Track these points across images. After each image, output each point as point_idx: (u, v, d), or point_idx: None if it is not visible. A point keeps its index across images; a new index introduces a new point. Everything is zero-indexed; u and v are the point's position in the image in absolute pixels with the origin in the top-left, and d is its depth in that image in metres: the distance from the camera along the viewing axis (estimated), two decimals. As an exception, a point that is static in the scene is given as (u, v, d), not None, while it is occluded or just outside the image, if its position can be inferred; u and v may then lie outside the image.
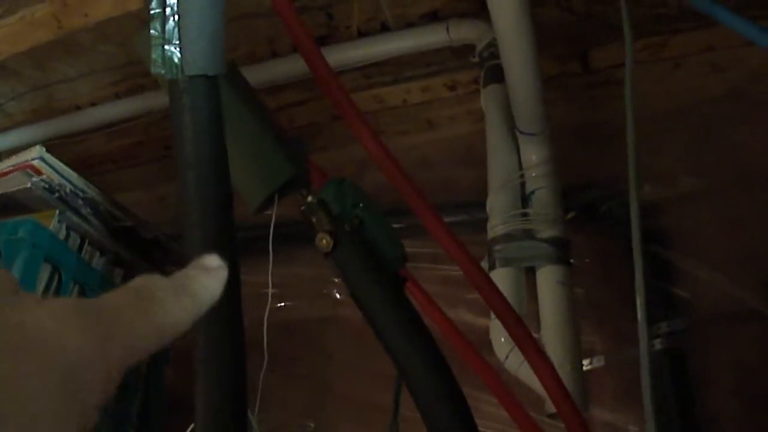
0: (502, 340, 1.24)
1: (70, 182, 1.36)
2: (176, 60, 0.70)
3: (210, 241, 0.70)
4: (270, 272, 0.94)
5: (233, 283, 0.71)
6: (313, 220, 0.84)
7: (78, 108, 1.91)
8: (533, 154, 1.36)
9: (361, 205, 0.88)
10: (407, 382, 0.82)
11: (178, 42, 0.70)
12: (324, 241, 0.83)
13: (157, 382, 1.59)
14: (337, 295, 1.75)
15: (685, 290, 1.47)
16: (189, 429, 0.92)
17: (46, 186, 1.32)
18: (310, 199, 0.85)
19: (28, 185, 1.31)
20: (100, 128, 1.89)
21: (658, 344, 1.40)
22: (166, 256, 1.64)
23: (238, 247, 0.73)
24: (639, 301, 1.03)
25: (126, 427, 1.47)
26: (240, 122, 0.85)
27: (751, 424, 1.33)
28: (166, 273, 1.19)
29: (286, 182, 0.86)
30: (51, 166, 1.32)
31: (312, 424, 1.64)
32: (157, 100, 1.75)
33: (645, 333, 1.01)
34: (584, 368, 1.29)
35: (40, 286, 1.27)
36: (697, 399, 1.37)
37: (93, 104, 1.89)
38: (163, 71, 0.72)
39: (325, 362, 1.68)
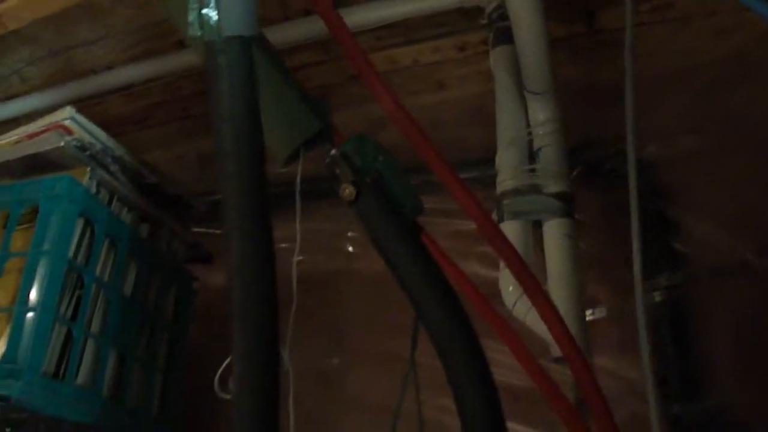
0: (510, 289, 1.30)
1: (99, 141, 1.42)
2: (213, 22, 0.76)
3: (245, 190, 0.76)
4: (298, 226, 1.00)
5: (267, 231, 0.78)
6: (337, 171, 0.91)
7: (95, 71, 1.91)
8: (540, 112, 1.41)
9: (380, 158, 0.94)
10: (425, 322, 0.89)
11: (215, 5, 0.76)
12: (347, 191, 0.90)
13: (181, 330, 1.66)
14: (350, 249, 1.81)
15: (684, 245, 1.52)
16: (226, 361, 1.00)
17: (78, 145, 1.38)
18: (333, 152, 0.91)
19: (61, 144, 1.36)
20: (117, 90, 1.91)
21: (657, 296, 1.46)
22: (188, 213, 1.71)
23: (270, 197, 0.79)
24: (636, 257, 1.08)
25: (154, 370, 1.55)
26: (269, 80, 0.91)
27: (747, 373, 1.39)
28: (187, 229, 1.28)
29: (312, 136, 0.92)
30: (81, 126, 1.38)
31: (337, 360, 1.70)
32: (174, 61, 1.77)
33: (640, 286, 1.06)
34: (587, 318, 1.36)
35: (74, 241, 1.33)
36: (695, 349, 1.43)
37: (110, 67, 1.89)
38: (200, 33, 0.78)
39: (340, 314, 1.75)
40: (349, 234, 1.83)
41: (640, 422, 1.21)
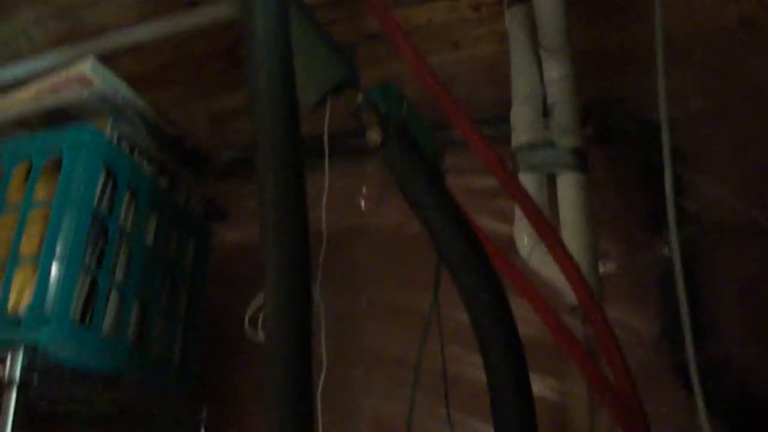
0: (525, 240, 1.34)
1: (120, 93, 1.43)
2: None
3: (279, 131, 0.79)
4: (326, 175, 1.02)
5: (299, 179, 0.80)
6: (363, 117, 0.93)
7: (104, 31, 1.90)
8: (555, 70, 1.44)
9: (404, 106, 0.97)
10: (448, 263, 0.92)
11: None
12: (373, 136, 0.92)
13: (201, 283, 1.69)
14: (363, 205, 1.84)
15: (694, 204, 1.55)
16: (258, 296, 1.02)
17: (101, 97, 1.39)
18: (360, 99, 0.94)
19: (84, 95, 1.38)
20: (127, 51, 1.90)
21: (667, 251, 1.49)
22: (206, 166, 1.73)
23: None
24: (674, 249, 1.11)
25: (175, 321, 1.58)
26: (299, 29, 0.93)
27: (752, 325, 1.43)
28: (204, 182, 1.30)
29: (339, 83, 0.95)
30: (103, 78, 1.39)
31: (350, 315, 1.73)
32: (186, 21, 1.78)
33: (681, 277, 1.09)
34: (600, 271, 1.39)
35: (97, 191, 1.34)
36: (703, 301, 1.47)
37: (119, 26, 1.89)
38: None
39: (353, 270, 1.77)
40: (364, 189, 1.85)
41: (648, 371, 1.24)
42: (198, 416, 1.65)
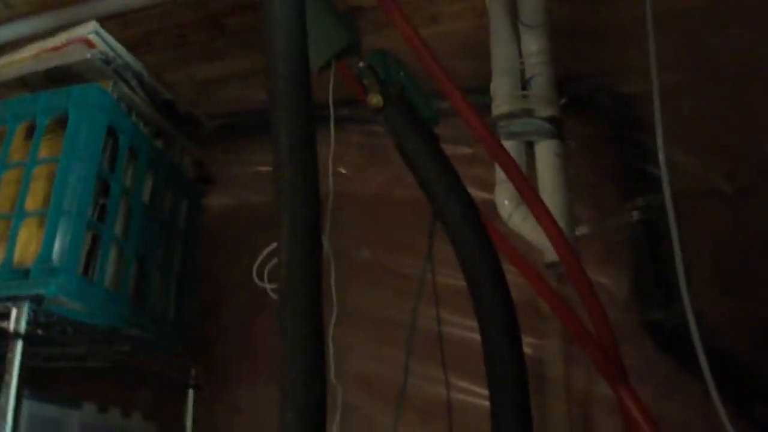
0: (506, 203, 1.42)
1: (120, 56, 1.47)
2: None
3: (292, 84, 0.85)
4: (332, 135, 1.08)
5: (311, 139, 0.86)
6: (365, 82, 1.00)
7: None
8: (533, 44, 1.52)
9: (401, 72, 1.03)
10: (443, 216, 0.98)
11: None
12: (375, 99, 0.99)
13: (194, 242, 1.75)
14: (344, 171, 1.89)
15: (661, 171, 1.64)
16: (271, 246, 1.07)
17: (103, 58, 1.43)
18: (362, 64, 1.01)
19: (87, 56, 1.42)
20: (111, 17, 1.88)
21: (636, 215, 1.58)
22: (198, 130, 1.77)
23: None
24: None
25: (171, 278, 1.64)
26: (308, -3, 0.99)
27: (716, 284, 1.53)
28: (199, 144, 1.35)
29: (343, 48, 1.02)
30: (104, 40, 1.43)
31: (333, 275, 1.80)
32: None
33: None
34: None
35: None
36: (670, 262, 1.56)
37: None
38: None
39: (337, 233, 1.83)
40: (344, 158, 1.90)
41: (619, 328, 1.32)
42: (187, 376, 1.71)
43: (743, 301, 1.51)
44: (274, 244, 0.92)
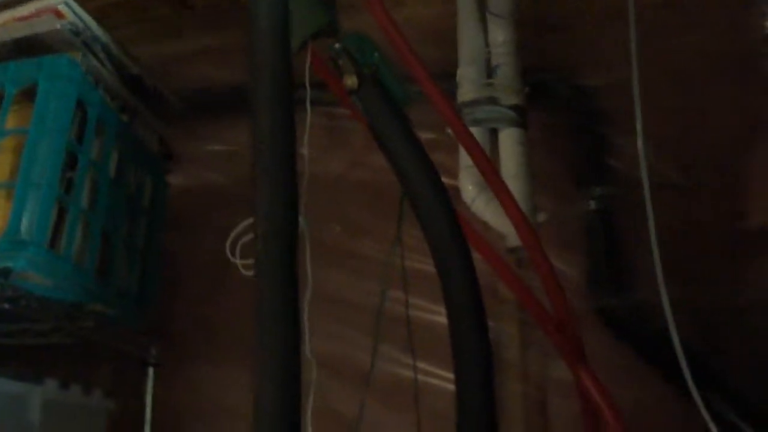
0: (470, 187, 1.45)
1: (89, 27, 1.46)
2: None
3: (274, 60, 0.86)
4: (308, 115, 1.09)
5: (291, 115, 0.88)
6: (340, 63, 1.02)
7: None
8: (500, 34, 1.55)
9: (376, 54, 1.06)
10: (414, 200, 1.01)
11: None
12: (350, 81, 1.01)
13: (158, 217, 1.76)
14: (305, 153, 1.90)
15: (617, 162, 1.69)
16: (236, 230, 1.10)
17: (73, 29, 1.42)
18: (338, 45, 1.03)
19: (57, 27, 1.40)
20: None
21: (592, 204, 1.63)
22: (162, 107, 1.77)
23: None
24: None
25: (135, 255, 1.64)
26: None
27: (668, 273, 1.58)
28: (166, 119, 1.36)
29: (321, 28, 1.03)
30: (74, 11, 1.41)
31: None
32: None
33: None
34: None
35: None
36: (624, 251, 1.61)
37: None
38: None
39: (301, 215, 1.85)
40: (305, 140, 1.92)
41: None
42: (147, 352, 1.71)
43: (693, 289, 1.56)
44: (249, 221, 0.92)
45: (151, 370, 1.71)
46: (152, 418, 1.73)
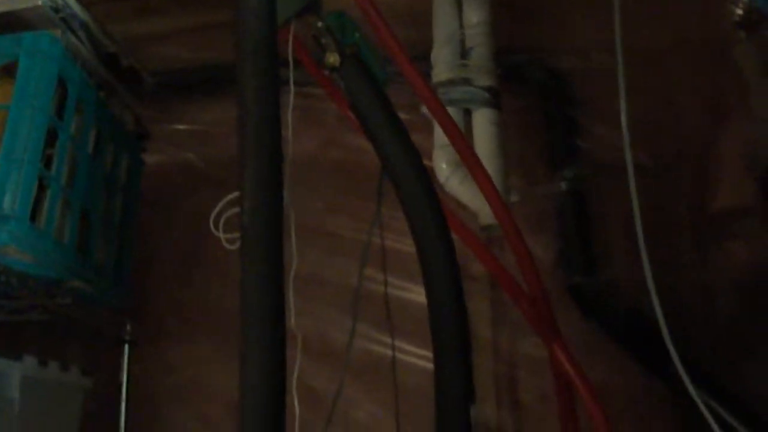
0: (444, 165, 1.47)
1: (68, 5, 1.46)
2: None
3: (260, 42, 0.88)
4: (291, 94, 1.10)
5: (276, 95, 0.89)
6: (323, 41, 1.05)
7: None
8: (474, 15, 1.58)
9: (356, 33, 1.08)
10: (394, 179, 1.03)
11: None
12: (332, 59, 1.04)
13: (134, 196, 1.77)
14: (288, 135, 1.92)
15: (589, 145, 1.73)
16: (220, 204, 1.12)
17: (53, 6, 1.42)
18: (320, 24, 1.04)
19: (39, 3, 1.40)
20: None
21: (563, 186, 1.67)
22: (137, 86, 1.78)
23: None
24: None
25: (111, 232, 1.65)
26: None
27: (635, 254, 1.62)
28: (139, 96, 1.37)
29: (303, 7, 1.05)
30: (51, -13, 1.42)
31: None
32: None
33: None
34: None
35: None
36: (594, 232, 1.65)
37: None
38: None
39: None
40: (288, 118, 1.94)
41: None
42: (122, 330, 1.72)
43: (661, 271, 1.61)
44: (232, 195, 0.94)
45: (126, 348, 1.72)
46: (128, 395, 1.75)
